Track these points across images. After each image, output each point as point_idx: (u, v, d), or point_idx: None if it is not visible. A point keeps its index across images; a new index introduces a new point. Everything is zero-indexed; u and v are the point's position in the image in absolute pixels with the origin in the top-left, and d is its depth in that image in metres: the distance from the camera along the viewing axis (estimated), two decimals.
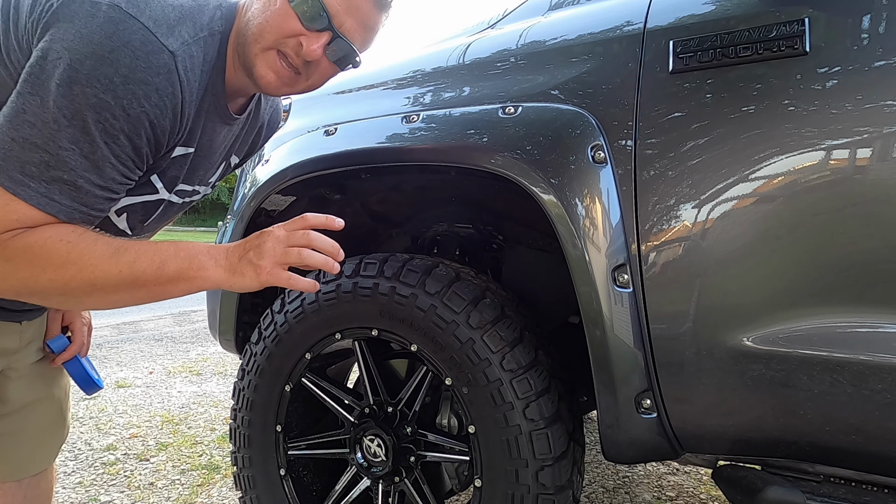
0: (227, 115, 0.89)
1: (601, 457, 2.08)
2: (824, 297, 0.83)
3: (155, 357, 3.97)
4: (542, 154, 1.00)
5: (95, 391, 1.08)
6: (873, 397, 0.80)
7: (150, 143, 0.74)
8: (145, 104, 0.70)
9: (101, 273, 0.72)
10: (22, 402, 0.99)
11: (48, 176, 0.67)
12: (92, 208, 0.72)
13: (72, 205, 0.70)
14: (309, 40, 0.79)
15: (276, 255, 0.78)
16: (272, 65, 0.81)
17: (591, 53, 1.02)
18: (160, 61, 0.70)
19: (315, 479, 1.42)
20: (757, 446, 0.93)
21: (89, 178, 0.70)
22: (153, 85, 0.70)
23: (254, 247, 0.79)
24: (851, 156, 0.80)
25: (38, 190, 0.67)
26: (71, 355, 1.04)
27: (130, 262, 0.73)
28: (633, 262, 0.93)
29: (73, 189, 0.69)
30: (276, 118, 1.12)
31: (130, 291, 0.75)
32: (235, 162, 1.07)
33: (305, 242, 0.80)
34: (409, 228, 1.65)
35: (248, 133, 1.03)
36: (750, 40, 0.86)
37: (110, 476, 2.07)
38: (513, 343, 1.07)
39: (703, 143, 0.89)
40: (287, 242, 0.79)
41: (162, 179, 0.86)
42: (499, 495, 1.07)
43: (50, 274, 0.70)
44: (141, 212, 0.88)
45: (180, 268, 0.76)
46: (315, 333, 1.27)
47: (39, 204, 0.68)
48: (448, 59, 1.25)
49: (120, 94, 0.67)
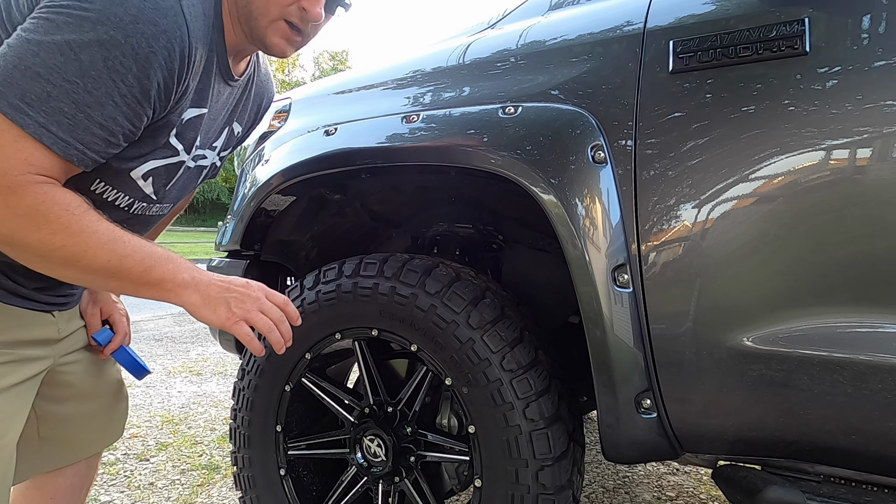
0: (228, 75, 0.92)
1: (601, 457, 2.08)
2: (824, 297, 0.83)
3: (155, 357, 3.97)
4: (542, 154, 1.00)
5: (145, 375, 1.12)
6: (873, 397, 0.80)
7: (160, 87, 0.75)
8: (153, 44, 0.71)
9: (90, 254, 0.73)
10: (81, 389, 1.04)
11: (48, 106, 0.68)
12: (88, 147, 0.73)
13: (68, 139, 0.70)
14: (311, 3, 0.84)
15: (249, 312, 0.83)
16: (283, 33, 0.86)
17: (591, 53, 1.02)
18: (167, 4, 0.73)
19: (315, 479, 1.42)
20: (757, 446, 0.93)
21: (90, 113, 0.70)
22: (161, 26, 0.72)
23: (238, 294, 0.83)
24: (851, 156, 0.80)
25: (37, 119, 0.68)
26: (117, 345, 1.08)
27: (121, 255, 0.75)
28: (633, 262, 0.93)
29: (72, 123, 0.70)
30: (270, 90, 1.16)
31: (106, 279, 0.77)
32: (238, 131, 1.09)
33: (276, 319, 0.86)
34: (409, 228, 1.65)
35: (248, 101, 1.06)
36: (750, 40, 0.86)
37: (110, 476, 2.07)
38: (513, 343, 1.07)
39: (703, 143, 0.89)
40: (262, 308, 0.84)
41: (181, 141, 0.88)
42: (499, 495, 1.07)
43: (42, 235, 0.71)
44: (164, 175, 0.91)
45: (163, 277, 0.79)
46: (315, 333, 1.27)
47: (36, 133, 0.68)
48: (448, 59, 1.25)
49: (129, 32, 0.69)
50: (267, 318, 0.85)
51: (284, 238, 1.60)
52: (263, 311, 0.85)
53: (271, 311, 0.85)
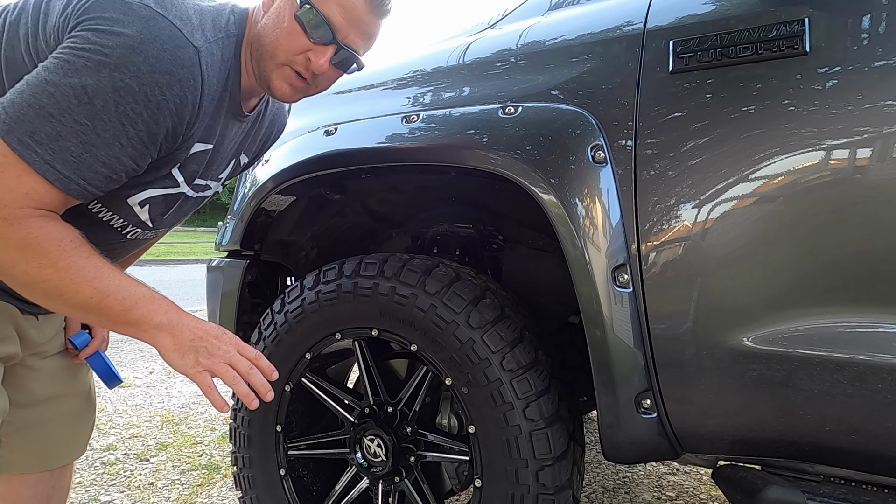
0: (239, 113, 0.94)
1: (601, 457, 2.08)
2: (824, 297, 0.83)
3: (155, 357, 3.97)
4: (542, 154, 1.00)
5: (117, 384, 1.11)
6: (873, 397, 0.80)
7: (168, 132, 0.78)
8: (167, 93, 0.74)
9: (73, 290, 0.75)
10: (45, 394, 1.02)
11: (56, 145, 0.70)
12: (89, 183, 0.74)
13: (71, 176, 0.72)
14: (316, 55, 0.85)
15: (215, 364, 0.83)
16: (287, 79, 0.88)
17: (591, 53, 1.02)
18: (185, 55, 0.75)
19: (315, 479, 1.42)
20: (757, 446, 0.93)
21: (96, 153, 0.72)
22: (177, 76, 0.74)
23: (209, 346, 0.83)
24: (851, 156, 0.80)
25: (43, 156, 0.70)
26: (93, 350, 1.07)
27: (104, 293, 0.76)
28: (633, 262, 0.93)
29: (77, 161, 0.72)
30: (282, 122, 1.16)
31: (86, 313, 0.79)
32: (245, 161, 1.10)
33: (244, 372, 0.84)
34: (409, 228, 1.65)
35: (257, 133, 1.07)
36: (750, 40, 0.86)
37: (110, 476, 2.07)
38: (513, 343, 1.07)
39: (703, 143, 0.89)
40: (230, 361, 0.84)
41: (183, 173, 0.90)
42: (499, 495, 1.07)
43: (29, 268, 0.73)
44: (162, 204, 0.93)
45: (141, 318, 0.80)
46: (315, 333, 1.27)
47: (41, 169, 0.70)
48: (448, 59, 1.25)
49: (145, 81, 0.71)
50: (232, 371, 0.83)
51: (284, 238, 1.60)
52: (232, 363, 0.83)
53: (240, 364, 0.84)
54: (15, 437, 0.99)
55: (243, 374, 0.84)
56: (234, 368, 0.84)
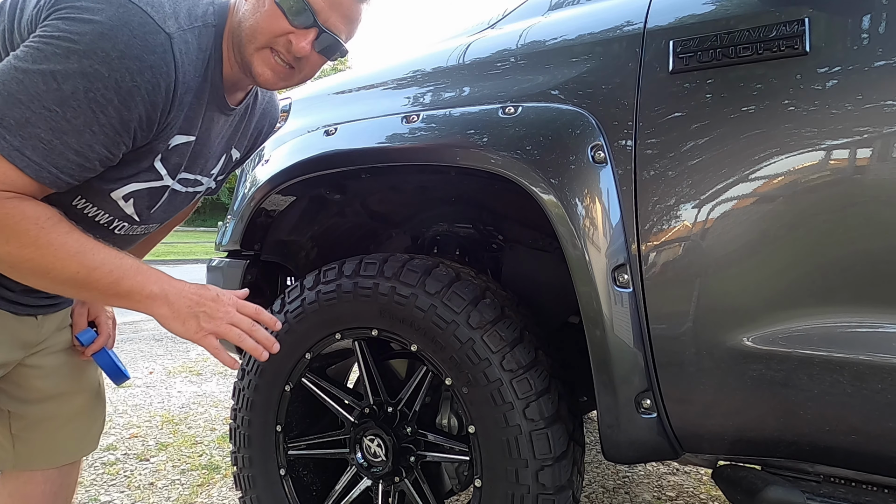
0: (224, 106, 0.94)
1: (601, 457, 2.08)
2: (824, 297, 0.83)
3: (155, 357, 3.97)
4: (542, 154, 1.00)
5: (124, 381, 1.11)
6: (873, 397, 0.80)
7: (141, 119, 0.77)
8: (137, 79, 0.73)
9: (58, 266, 0.75)
10: (52, 391, 1.02)
11: (25, 132, 0.70)
12: (62, 171, 0.74)
13: (42, 163, 0.72)
14: (298, 38, 0.84)
15: (219, 326, 0.84)
16: (268, 62, 0.86)
17: (591, 53, 1.02)
18: (156, 41, 0.74)
19: (315, 479, 1.42)
20: (757, 446, 0.93)
21: (66, 140, 0.72)
22: (147, 62, 0.73)
23: (208, 308, 0.84)
24: (851, 156, 0.80)
25: (12, 143, 0.69)
26: (99, 347, 1.07)
27: (90, 267, 0.76)
28: (633, 262, 0.93)
29: (47, 148, 0.71)
30: (274, 115, 1.16)
31: (77, 289, 0.80)
32: (237, 156, 1.09)
33: (247, 329, 0.87)
34: (409, 228, 1.65)
35: (247, 127, 1.07)
36: (750, 40, 0.86)
37: (110, 476, 2.07)
38: (513, 343, 1.07)
39: (703, 143, 0.89)
40: (232, 321, 0.86)
41: (165, 166, 0.89)
42: (499, 495, 1.07)
43: (10, 248, 0.73)
44: (147, 198, 0.92)
45: (132, 289, 0.80)
46: (315, 333, 1.27)
47: (10, 156, 0.70)
48: (448, 59, 1.25)
49: (115, 66, 0.71)
50: (237, 329, 0.85)
51: (284, 238, 1.60)
52: (234, 322, 0.85)
53: (242, 321, 0.86)
54: (29, 431, 1.00)
55: (247, 331, 0.86)
56: (237, 327, 0.85)
